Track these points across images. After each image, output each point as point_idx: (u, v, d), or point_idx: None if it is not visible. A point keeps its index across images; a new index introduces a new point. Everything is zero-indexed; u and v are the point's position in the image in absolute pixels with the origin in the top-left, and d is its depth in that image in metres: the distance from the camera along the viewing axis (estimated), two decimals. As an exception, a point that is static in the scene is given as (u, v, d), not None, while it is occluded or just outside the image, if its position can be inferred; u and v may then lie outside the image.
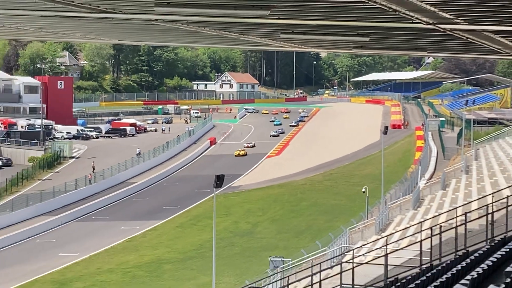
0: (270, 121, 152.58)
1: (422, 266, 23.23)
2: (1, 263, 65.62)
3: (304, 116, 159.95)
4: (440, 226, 24.91)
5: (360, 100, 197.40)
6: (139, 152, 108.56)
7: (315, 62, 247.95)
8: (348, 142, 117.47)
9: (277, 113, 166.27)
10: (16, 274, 61.86)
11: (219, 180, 42.94)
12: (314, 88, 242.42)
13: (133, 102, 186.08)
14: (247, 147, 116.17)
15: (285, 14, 15.49)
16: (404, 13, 13.80)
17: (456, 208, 33.64)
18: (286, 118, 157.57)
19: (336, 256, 40.88)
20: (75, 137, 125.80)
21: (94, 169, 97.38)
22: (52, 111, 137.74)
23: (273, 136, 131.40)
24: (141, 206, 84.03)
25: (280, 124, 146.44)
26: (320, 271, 26.21)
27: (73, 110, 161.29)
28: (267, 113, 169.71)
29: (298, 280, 31.08)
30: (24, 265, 64.38)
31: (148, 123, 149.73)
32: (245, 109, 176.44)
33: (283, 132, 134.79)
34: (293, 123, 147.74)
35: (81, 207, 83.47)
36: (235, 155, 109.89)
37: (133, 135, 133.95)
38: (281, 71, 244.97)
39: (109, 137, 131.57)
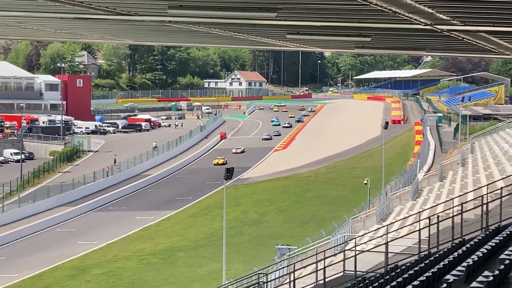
0: (271, 121, 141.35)
1: (421, 253, 23.21)
2: (24, 251, 65.86)
3: (305, 116, 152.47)
4: (438, 216, 24.87)
5: (362, 97, 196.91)
6: (156, 146, 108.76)
7: (319, 61, 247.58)
8: (351, 137, 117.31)
9: (286, 111, 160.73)
10: (38, 261, 62.07)
11: (229, 173, 43.01)
12: (318, 86, 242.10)
13: (148, 99, 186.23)
14: (236, 152, 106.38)
15: (291, 16, 15.48)
16: (403, 14, 13.78)
17: (452, 198, 33.58)
18: (291, 117, 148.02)
19: (339, 244, 40.85)
20: (93, 132, 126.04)
21: (115, 161, 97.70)
22: (71, 108, 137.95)
23: (266, 139, 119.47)
24: (156, 197, 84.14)
25: (279, 125, 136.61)
26: (324, 258, 26.22)
27: (125, 105, 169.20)
28: (277, 110, 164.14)
29: (304, 267, 31.07)
30: (45, 253, 64.57)
31: (162, 119, 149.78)
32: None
33: (279, 134, 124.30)
34: (286, 124, 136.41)
35: (99, 198, 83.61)
36: (214, 164, 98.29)
37: (147, 130, 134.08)
38: (288, 70, 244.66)
39: (125, 132, 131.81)
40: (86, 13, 15.46)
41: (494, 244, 17.81)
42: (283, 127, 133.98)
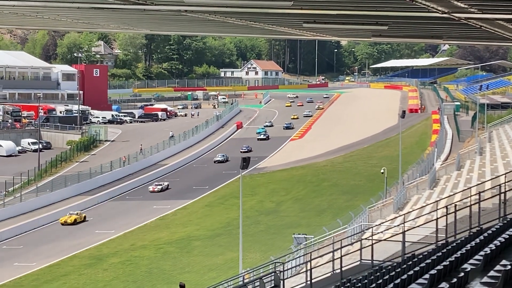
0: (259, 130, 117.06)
1: (438, 242, 23.16)
2: (42, 240, 66.26)
3: (308, 116, 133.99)
4: (455, 205, 24.81)
5: (379, 86, 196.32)
6: (172, 135, 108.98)
7: (336, 50, 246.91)
8: (367, 126, 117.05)
9: (302, 105, 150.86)
10: (56, 250, 62.46)
11: (245, 162, 43.06)
12: (335, 75, 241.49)
13: (164, 89, 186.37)
14: (153, 191, 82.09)
15: (307, 4, 15.43)
16: (420, 2, 13.71)
17: (470, 187, 33.49)
18: (294, 119, 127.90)
19: (356, 233, 40.85)
20: (110, 122, 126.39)
21: (142, 150, 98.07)
22: (88, 97, 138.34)
23: (219, 161, 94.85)
24: (172, 186, 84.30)
25: (259, 134, 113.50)
26: (341, 247, 26.23)
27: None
28: (290, 105, 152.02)
29: (320, 256, 31.10)
30: (63, 242, 64.96)
31: (178, 108, 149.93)
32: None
33: (250, 151, 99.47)
34: (262, 136, 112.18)
35: (116, 187, 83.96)
36: (61, 223, 71.83)
37: (164, 119, 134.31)
38: (304, 59, 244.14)
39: (141, 121, 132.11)
40: (103, 2, 15.50)
41: (511, 233, 17.74)
42: (258, 139, 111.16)
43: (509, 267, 12.31)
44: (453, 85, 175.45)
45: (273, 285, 24.65)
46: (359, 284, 18.11)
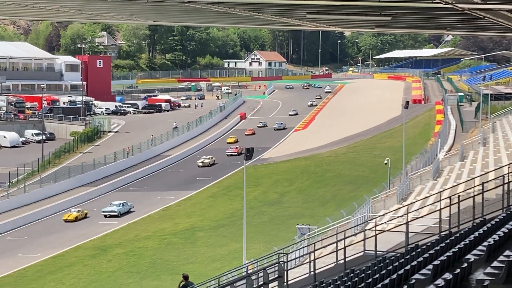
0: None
1: (441, 233, 23.15)
2: (46, 231, 66.38)
3: (281, 128, 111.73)
4: (459, 196, 24.79)
5: (383, 77, 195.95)
6: (176, 126, 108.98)
7: (339, 41, 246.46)
8: (371, 116, 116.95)
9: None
10: (60, 240, 62.58)
11: (249, 153, 43.15)
12: (338, 65, 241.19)
13: (168, 80, 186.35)
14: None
15: (310, -5, 15.41)
16: (424, -7, 13.69)
17: (473, 178, 33.45)
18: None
19: (360, 224, 40.86)
20: (113, 113, 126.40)
21: (153, 139, 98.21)
22: (92, 88, 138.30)
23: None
24: (176, 177, 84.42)
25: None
26: (345, 238, 26.23)
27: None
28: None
29: (324, 247, 31.09)
30: (67, 233, 65.08)
31: (182, 99, 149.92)
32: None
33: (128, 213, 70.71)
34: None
35: (120, 178, 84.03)
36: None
37: (167, 110, 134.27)
38: (307, 49, 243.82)
39: (145, 112, 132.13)
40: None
41: (515, 224, 17.72)
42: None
43: (512, 257, 12.31)
44: (457, 75, 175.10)
45: (276, 275, 24.66)
46: (363, 275, 18.13)
